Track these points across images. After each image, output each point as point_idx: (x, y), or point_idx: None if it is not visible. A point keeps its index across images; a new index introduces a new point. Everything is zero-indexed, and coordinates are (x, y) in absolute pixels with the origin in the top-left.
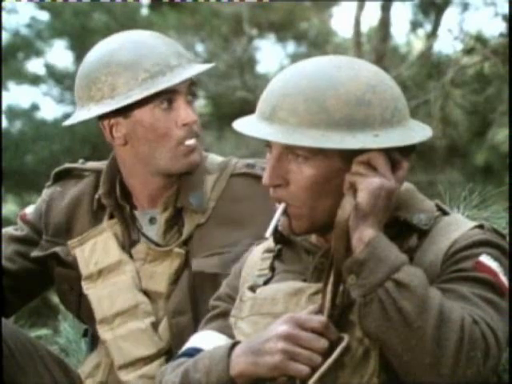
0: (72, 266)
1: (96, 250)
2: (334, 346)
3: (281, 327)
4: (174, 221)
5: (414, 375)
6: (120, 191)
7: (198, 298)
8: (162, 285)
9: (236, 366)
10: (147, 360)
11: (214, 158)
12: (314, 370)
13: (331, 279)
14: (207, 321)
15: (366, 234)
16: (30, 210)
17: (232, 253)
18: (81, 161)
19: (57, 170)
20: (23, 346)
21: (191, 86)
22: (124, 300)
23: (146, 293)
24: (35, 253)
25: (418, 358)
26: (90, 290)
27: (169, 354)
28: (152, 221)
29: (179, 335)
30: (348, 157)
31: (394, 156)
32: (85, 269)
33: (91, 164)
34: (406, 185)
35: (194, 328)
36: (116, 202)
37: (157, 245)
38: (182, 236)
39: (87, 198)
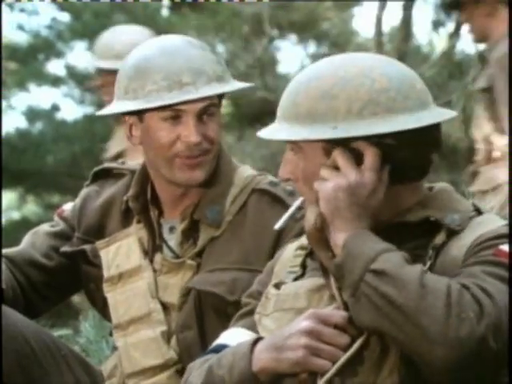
0: (99, 265)
1: (119, 253)
2: (355, 341)
3: (303, 323)
4: (191, 232)
5: (422, 357)
6: (151, 194)
7: (203, 314)
8: (174, 297)
9: (258, 362)
10: (156, 370)
11: (244, 171)
12: None
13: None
14: (238, 318)
15: (338, 239)
16: (67, 206)
17: (231, 274)
18: (120, 161)
19: (95, 169)
20: (46, 346)
21: (208, 107)
22: (138, 307)
23: (162, 303)
24: (64, 248)
25: (412, 335)
26: (109, 293)
27: (178, 365)
28: (172, 230)
29: (186, 350)
30: (330, 151)
31: (357, 147)
32: (107, 271)
33: (129, 164)
34: (442, 185)
35: (201, 344)
36: (144, 206)
37: (176, 254)
38: (196, 248)
39: (120, 198)
